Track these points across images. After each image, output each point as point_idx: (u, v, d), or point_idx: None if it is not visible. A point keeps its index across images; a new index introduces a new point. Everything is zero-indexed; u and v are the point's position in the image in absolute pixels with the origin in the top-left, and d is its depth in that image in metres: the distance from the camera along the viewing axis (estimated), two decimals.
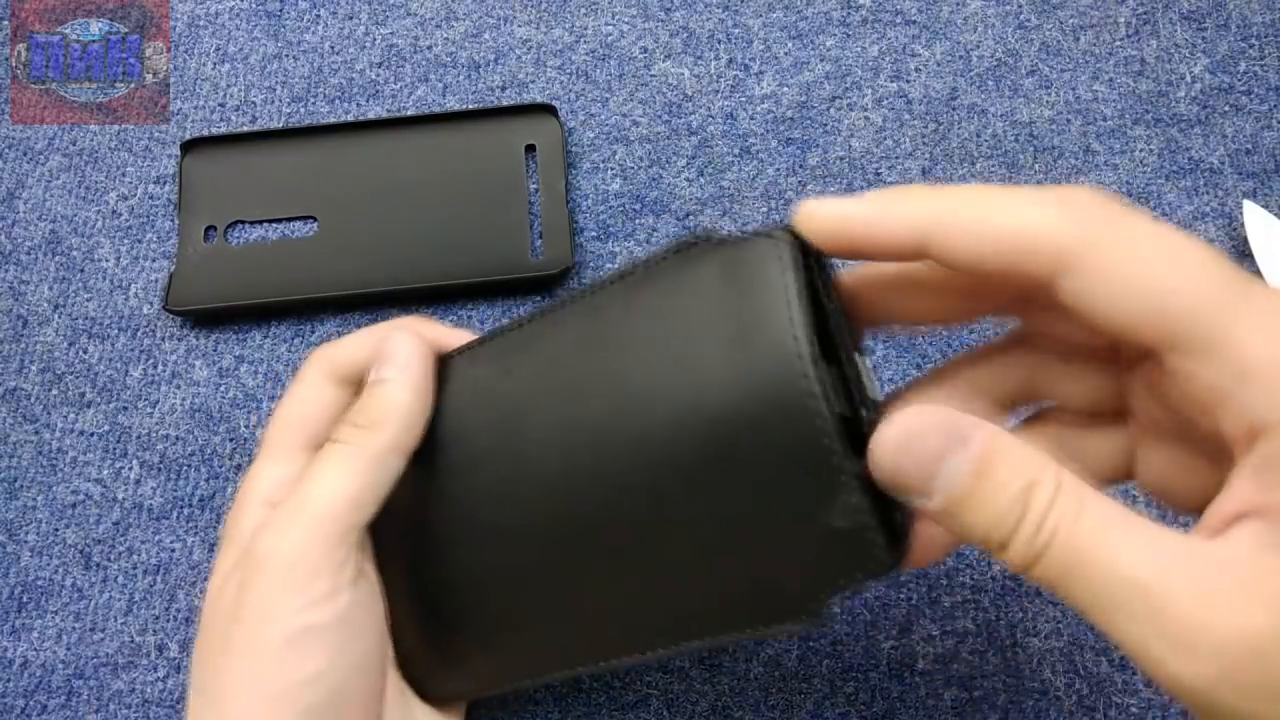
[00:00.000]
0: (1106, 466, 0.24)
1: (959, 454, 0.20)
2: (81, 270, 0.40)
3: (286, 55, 0.44)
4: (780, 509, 0.23)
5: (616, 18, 0.44)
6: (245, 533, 0.28)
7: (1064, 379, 0.24)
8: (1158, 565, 0.18)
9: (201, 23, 0.45)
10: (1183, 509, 0.22)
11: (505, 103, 0.42)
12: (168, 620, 0.35)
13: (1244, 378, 0.18)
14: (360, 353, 0.31)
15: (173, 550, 0.36)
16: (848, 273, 0.25)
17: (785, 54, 0.43)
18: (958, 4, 0.43)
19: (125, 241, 0.41)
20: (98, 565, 0.36)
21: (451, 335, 0.32)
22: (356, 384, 0.31)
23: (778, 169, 0.41)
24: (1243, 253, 0.38)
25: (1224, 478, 0.20)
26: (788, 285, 0.22)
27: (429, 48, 0.44)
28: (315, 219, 0.40)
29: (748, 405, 0.23)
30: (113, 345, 0.39)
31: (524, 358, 0.28)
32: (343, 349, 0.31)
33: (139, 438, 0.38)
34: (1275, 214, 0.38)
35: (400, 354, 0.30)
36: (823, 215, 0.22)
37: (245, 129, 0.42)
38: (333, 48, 0.44)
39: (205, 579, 0.35)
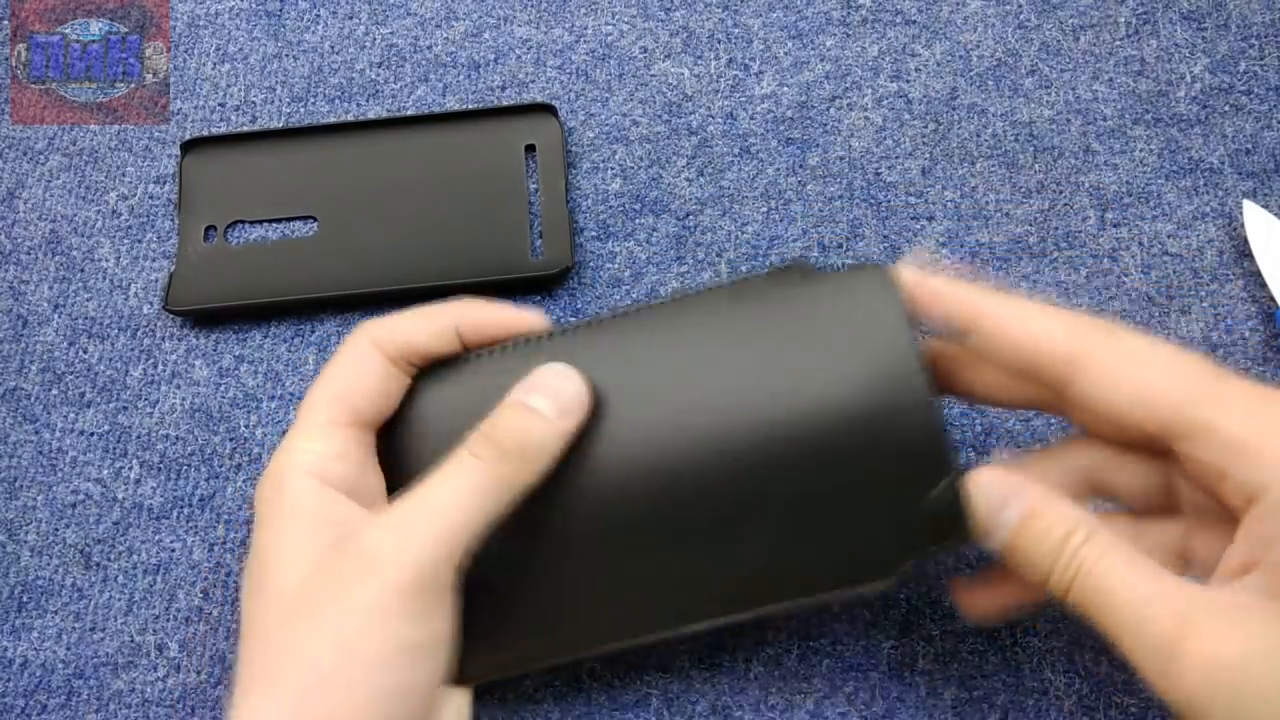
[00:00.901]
0: (1161, 555, 0.27)
1: (1014, 504, 0.25)
2: (81, 270, 0.40)
3: (286, 55, 0.44)
4: (890, 490, 0.28)
5: (616, 18, 0.44)
6: (295, 505, 0.27)
7: (1119, 473, 0.28)
8: (1155, 598, 0.23)
9: (201, 23, 0.45)
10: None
11: (505, 103, 0.42)
12: (168, 620, 0.35)
13: (1235, 454, 0.23)
14: (417, 334, 0.30)
15: (173, 550, 0.36)
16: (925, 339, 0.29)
17: (785, 54, 0.43)
18: (958, 4, 0.43)
19: (125, 241, 0.41)
20: (98, 565, 0.36)
21: (515, 317, 0.31)
22: (408, 364, 0.30)
23: (778, 169, 0.41)
24: (1243, 253, 0.38)
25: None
26: (898, 303, 0.28)
27: (429, 48, 0.44)
28: (315, 219, 0.40)
29: (871, 401, 0.28)
30: (113, 345, 0.39)
31: (622, 347, 0.31)
32: (399, 326, 0.31)
33: (139, 438, 0.38)
34: (1275, 214, 0.38)
35: (566, 395, 0.29)
36: (905, 273, 0.28)
37: (245, 129, 0.42)
38: (333, 48, 0.44)
39: (205, 579, 0.36)
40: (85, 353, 0.39)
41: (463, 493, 0.27)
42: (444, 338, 0.31)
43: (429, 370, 0.32)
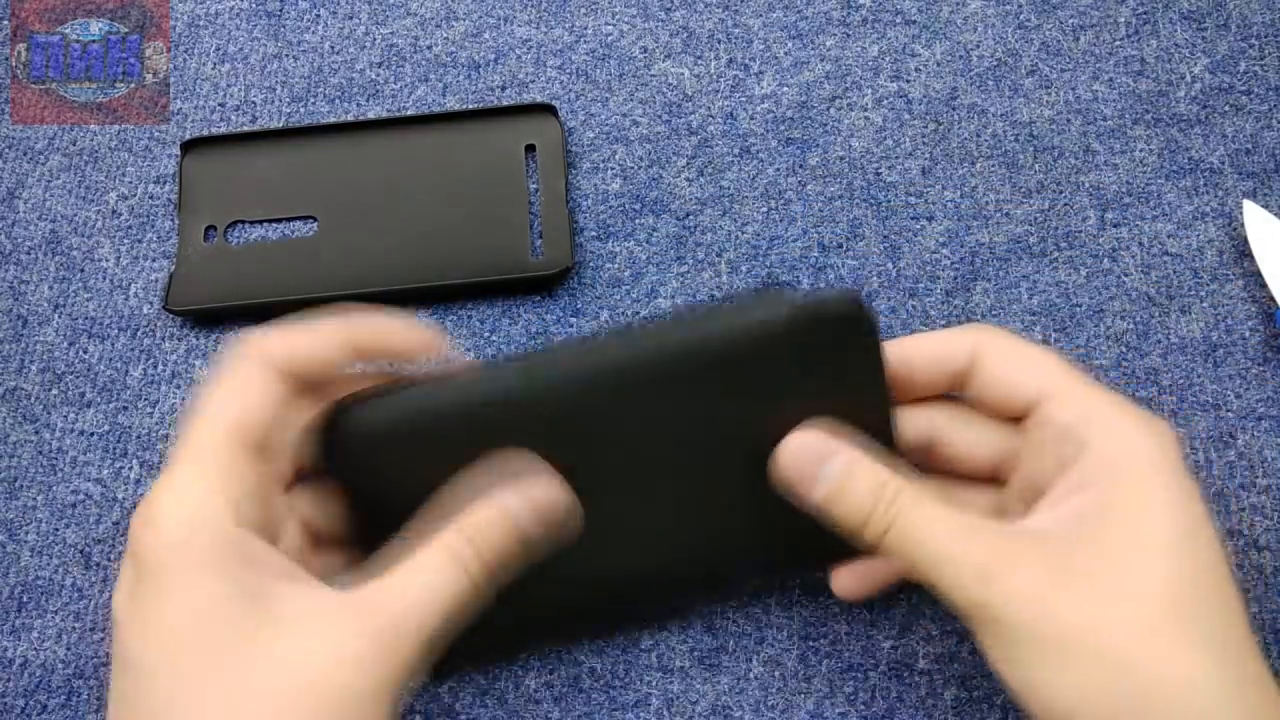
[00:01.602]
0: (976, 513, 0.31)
1: (833, 461, 0.28)
2: (81, 270, 0.40)
3: (286, 55, 0.44)
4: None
5: (616, 18, 0.44)
6: (197, 553, 0.24)
7: (966, 431, 0.31)
8: (966, 533, 0.26)
9: (201, 23, 0.45)
10: None
11: (505, 103, 0.42)
12: None
13: (1084, 420, 0.27)
14: (312, 349, 0.28)
15: None
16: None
17: (785, 54, 0.43)
18: (958, 4, 0.43)
19: (125, 241, 0.41)
20: (98, 565, 0.36)
21: (410, 334, 0.29)
22: (311, 387, 0.28)
23: (778, 169, 0.41)
24: (1243, 252, 0.38)
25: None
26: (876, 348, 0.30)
27: (429, 48, 0.44)
28: (315, 219, 0.40)
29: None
30: (113, 345, 0.39)
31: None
32: (290, 341, 0.28)
33: (139, 438, 0.38)
34: (1275, 214, 0.38)
35: (546, 506, 0.28)
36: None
37: (245, 129, 0.42)
38: (333, 48, 0.44)
39: None
40: (85, 353, 0.39)
41: (435, 587, 0.25)
42: (338, 353, 0.28)
43: (360, 403, 0.29)
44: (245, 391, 0.27)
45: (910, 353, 0.31)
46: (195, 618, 0.24)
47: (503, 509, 0.27)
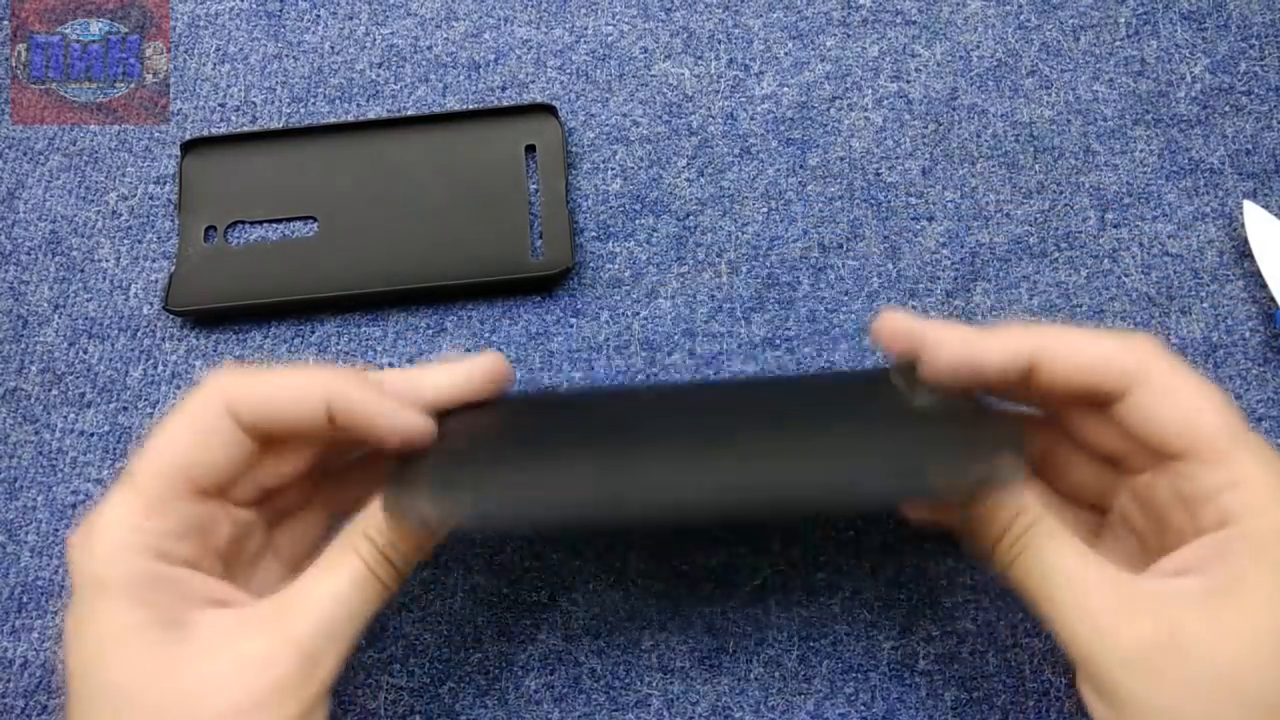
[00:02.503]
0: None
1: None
2: (81, 270, 0.40)
3: (286, 55, 0.44)
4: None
5: (616, 18, 0.44)
6: (118, 580, 0.25)
7: (1081, 466, 0.31)
8: (1096, 583, 0.26)
9: (201, 23, 0.45)
10: None
11: (505, 103, 0.42)
12: None
13: (1232, 484, 0.26)
14: (281, 406, 0.27)
15: None
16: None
17: (785, 54, 0.43)
18: (958, 4, 0.43)
19: (125, 241, 0.41)
20: None
21: (390, 412, 0.28)
22: (267, 438, 0.27)
23: (778, 169, 0.41)
24: (1243, 253, 0.38)
25: (1146, 555, 0.28)
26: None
27: (429, 48, 0.44)
28: (315, 219, 0.40)
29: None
30: (113, 345, 0.39)
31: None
32: (260, 393, 0.27)
33: (139, 438, 0.38)
34: (1275, 214, 0.38)
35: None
36: (953, 360, 0.28)
37: (245, 129, 0.42)
38: (333, 48, 0.44)
39: None
40: (85, 353, 0.39)
41: (344, 591, 0.26)
42: (309, 414, 0.27)
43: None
44: (195, 432, 0.26)
45: (1065, 352, 0.28)
46: (114, 642, 0.24)
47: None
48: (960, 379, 0.28)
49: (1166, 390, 0.27)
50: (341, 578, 0.26)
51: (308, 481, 0.30)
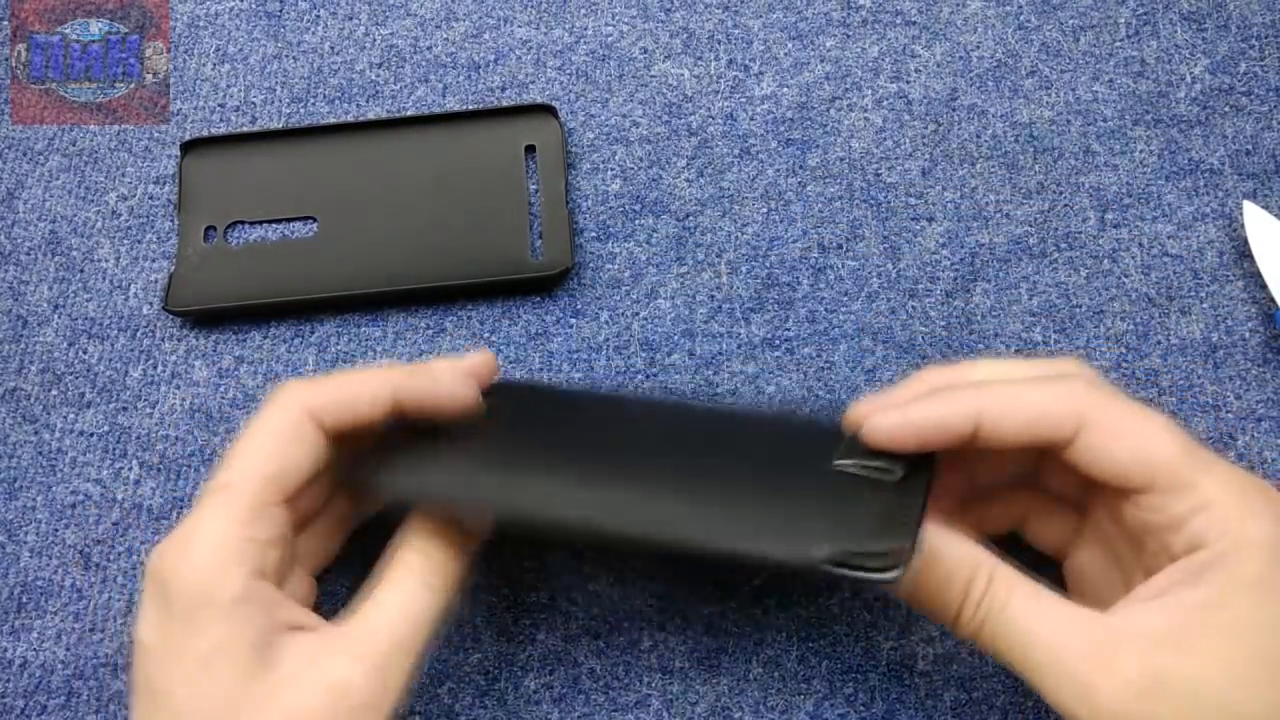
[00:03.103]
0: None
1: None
2: (81, 270, 0.40)
3: (286, 55, 0.44)
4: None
5: (616, 18, 0.44)
6: (222, 594, 0.25)
7: (1050, 521, 0.31)
8: (1065, 635, 0.25)
9: (201, 23, 0.45)
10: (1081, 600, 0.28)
11: (505, 103, 0.42)
12: None
13: (1201, 508, 0.25)
14: (358, 406, 0.28)
15: None
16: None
17: (785, 54, 0.43)
18: (958, 4, 0.43)
19: (125, 241, 0.41)
20: (97, 565, 0.36)
21: (449, 392, 0.30)
22: (337, 434, 0.28)
23: (778, 169, 0.41)
24: (1243, 253, 0.38)
25: (1127, 583, 0.28)
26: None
27: (429, 48, 0.44)
28: (315, 219, 0.40)
29: None
30: (113, 345, 0.39)
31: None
32: (336, 395, 0.28)
33: (139, 438, 0.38)
34: (1275, 214, 0.38)
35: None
36: (892, 429, 0.28)
37: (245, 129, 0.42)
38: (333, 48, 0.44)
39: None
40: (85, 353, 0.39)
41: (411, 606, 0.27)
42: (379, 411, 0.29)
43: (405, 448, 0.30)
44: (286, 441, 0.27)
45: (1004, 410, 0.27)
46: (207, 663, 0.24)
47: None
48: (903, 448, 0.28)
49: (1112, 428, 0.27)
50: (407, 595, 0.27)
51: (328, 483, 0.31)
